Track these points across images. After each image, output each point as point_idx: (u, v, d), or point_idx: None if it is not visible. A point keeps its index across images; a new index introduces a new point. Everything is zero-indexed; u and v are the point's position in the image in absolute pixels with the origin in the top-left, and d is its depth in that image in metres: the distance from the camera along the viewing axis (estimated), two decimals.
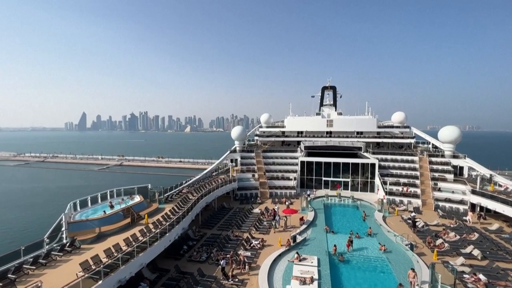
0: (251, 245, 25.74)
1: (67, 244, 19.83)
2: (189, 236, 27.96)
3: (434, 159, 45.63)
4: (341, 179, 46.50)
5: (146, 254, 19.30)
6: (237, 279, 19.94)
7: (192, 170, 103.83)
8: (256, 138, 64.79)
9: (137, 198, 29.60)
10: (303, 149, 53.89)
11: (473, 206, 35.14)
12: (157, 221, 24.49)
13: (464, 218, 32.82)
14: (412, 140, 55.49)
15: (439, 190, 39.49)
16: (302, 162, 48.04)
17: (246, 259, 22.17)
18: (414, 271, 19.04)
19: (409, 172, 44.72)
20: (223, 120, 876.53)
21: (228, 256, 22.48)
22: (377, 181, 43.88)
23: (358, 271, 21.77)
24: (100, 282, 14.92)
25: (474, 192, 35.04)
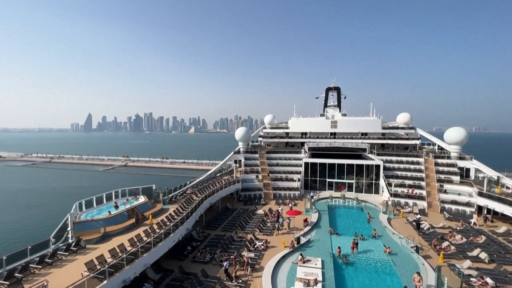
0: (255, 246, 25.72)
1: (73, 244, 20.09)
2: (193, 237, 28.04)
3: (440, 160, 45.12)
4: (345, 180, 46.23)
5: (150, 254, 19.42)
6: (240, 280, 19.90)
7: (196, 171, 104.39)
8: (260, 139, 64.89)
9: (142, 199, 29.80)
10: (307, 150, 53.68)
11: (480, 209, 34.64)
12: (161, 222, 24.64)
13: (470, 220, 32.39)
14: (418, 142, 54.95)
15: (445, 192, 38.99)
16: (306, 163, 47.89)
17: (249, 260, 22.13)
18: (420, 275, 18.83)
19: (414, 174, 44.25)
20: (227, 121, 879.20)
21: (231, 257, 22.52)
22: (382, 182, 43.54)
23: (363, 274, 21.57)
24: (105, 282, 15.08)
25: (481, 194, 34.53)
